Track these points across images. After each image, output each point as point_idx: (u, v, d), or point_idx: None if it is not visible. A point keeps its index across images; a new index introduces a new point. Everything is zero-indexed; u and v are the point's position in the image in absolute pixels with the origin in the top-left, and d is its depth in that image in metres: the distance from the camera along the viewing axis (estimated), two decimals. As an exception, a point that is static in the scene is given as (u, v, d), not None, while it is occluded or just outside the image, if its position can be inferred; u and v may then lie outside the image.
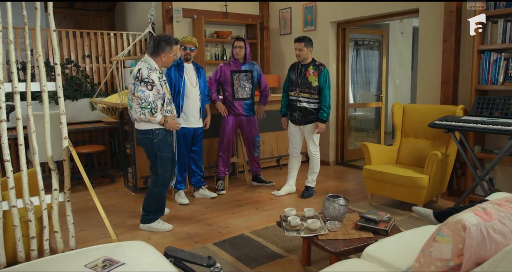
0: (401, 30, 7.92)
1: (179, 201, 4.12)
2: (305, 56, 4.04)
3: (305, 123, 4.13)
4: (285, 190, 4.39)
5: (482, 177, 3.50)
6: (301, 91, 4.07)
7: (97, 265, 1.86)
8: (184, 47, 3.99)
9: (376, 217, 2.63)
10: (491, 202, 1.51)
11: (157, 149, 3.33)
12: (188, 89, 3.99)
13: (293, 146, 4.31)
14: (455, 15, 3.99)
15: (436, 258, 1.40)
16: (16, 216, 2.49)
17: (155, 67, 3.28)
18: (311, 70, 4.05)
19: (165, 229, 3.44)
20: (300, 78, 4.08)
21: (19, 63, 5.16)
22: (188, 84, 3.99)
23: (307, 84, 4.04)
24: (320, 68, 4.05)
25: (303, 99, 4.07)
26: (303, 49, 3.99)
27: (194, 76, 4.06)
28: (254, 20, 6.46)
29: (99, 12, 8.89)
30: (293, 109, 4.16)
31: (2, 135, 2.42)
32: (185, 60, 4.02)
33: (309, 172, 4.34)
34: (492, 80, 3.67)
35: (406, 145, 4.21)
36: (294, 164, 4.38)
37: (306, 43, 3.99)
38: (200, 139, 4.22)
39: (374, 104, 6.53)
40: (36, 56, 2.55)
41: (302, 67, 4.09)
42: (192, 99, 4.03)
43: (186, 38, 4.01)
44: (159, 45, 3.30)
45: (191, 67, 4.07)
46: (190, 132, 4.08)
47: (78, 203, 4.14)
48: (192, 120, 4.06)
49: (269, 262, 2.82)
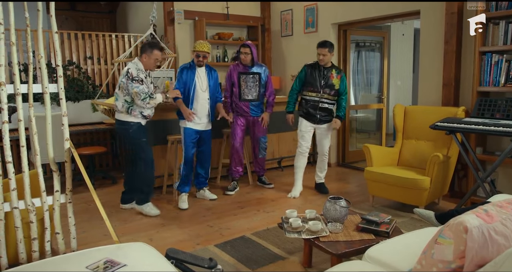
0: (402, 31, 7.91)
1: (179, 205, 4.06)
2: (328, 60, 4.20)
3: (324, 122, 4.29)
4: (299, 191, 4.44)
5: (483, 178, 3.49)
6: (324, 92, 4.21)
7: (99, 267, 1.86)
8: (197, 54, 3.98)
9: (378, 219, 2.62)
10: (493, 204, 1.51)
11: (134, 136, 3.75)
12: (198, 93, 4.00)
13: (306, 145, 4.37)
14: (457, 17, 3.99)
15: (437, 260, 1.40)
16: (17, 218, 2.49)
17: (141, 68, 3.67)
18: (334, 73, 4.23)
19: (152, 213, 3.81)
20: (324, 80, 4.19)
21: (21, 65, 5.18)
22: (198, 89, 4.00)
23: (331, 86, 4.21)
24: (341, 72, 4.29)
25: (326, 100, 4.23)
26: (326, 54, 4.14)
27: (205, 80, 4.05)
28: (255, 22, 6.47)
29: (101, 14, 8.91)
30: (314, 109, 4.23)
31: (4, 137, 2.42)
32: (198, 66, 4.02)
33: (321, 170, 4.54)
34: (493, 81, 3.66)
35: (407, 146, 4.21)
36: (304, 163, 4.43)
37: (330, 48, 4.14)
38: (208, 140, 4.20)
39: (376, 105, 6.53)
40: (38, 57, 2.55)
41: (325, 70, 4.21)
42: (200, 103, 4.03)
43: (199, 46, 3.97)
44: (143, 47, 3.71)
45: (203, 71, 4.06)
46: (197, 133, 4.08)
47: (79, 205, 4.14)
48: (199, 123, 4.07)
49: (270, 263, 2.81)
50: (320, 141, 4.41)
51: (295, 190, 4.40)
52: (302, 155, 4.39)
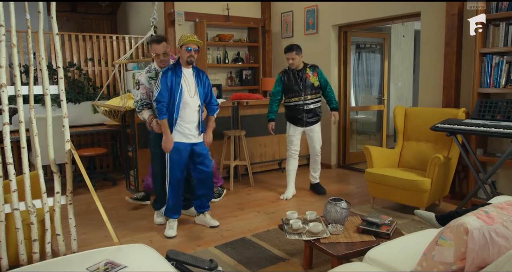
0: (403, 33, 7.92)
1: (165, 232, 3.41)
2: (298, 63, 4.20)
3: (311, 124, 4.29)
4: (291, 193, 4.44)
5: (484, 180, 3.49)
6: (306, 94, 4.20)
7: (99, 268, 1.86)
8: (187, 47, 3.21)
9: (378, 220, 2.62)
10: (494, 206, 1.51)
11: (150, 143, 3.65)
12: (185, 100, 3.25)
13: (295, 149, 4.37)
14: (457, 18, 3.99)
15: (438, 261, 1.40)
16: (18, 219, 2.49)
17: (153, 67, 3.54)
18: (309, 72, 4.23)
19: (157, 222, 3.68)
20: (302, 83, 4.18)
21: (22, 66, 5.19)
22: (186, 94, 3.25)
23: (311, 86, 4.21)
24: (316, 69, 4.27)
25: (310, 101, 4.23)
26: (295, 58, 4.14)
27: (193, 84, 3.30)
28: (256, 24, 6.48)
29: (102, 16, 8.92)
30: (299, 113, 4.23)
31: (5, 138, 2.43)
32: (187, 63, 3.25)
33: (315, 170, 4.53)
34: (494, 83, 3.66)
35: (408, 148, 4.21)
36: (295, 165, 4.44)
37: (297, 51, 4.14)
38: (206, 155, 3.45)
39: (376, 107, 6.53)
40: (39, 59, 2.56)
41: (299, 72, 4.22)
42: (189, 111, 3.29)
43: (188, 37, 3.22)
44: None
45: (189, 73, 3.30)
46: (186, 148, 3.34)
47: (80, 206, 4.14)
48: (189, 136, 3.34)
49: (271, 265, 2.81)
50: (311, 142, 4.42)
51: (287, 192, 4.42)
52: (292, 158, 4.40)
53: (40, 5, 2.48)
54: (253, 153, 5.28)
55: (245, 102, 5.13)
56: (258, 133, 5.28)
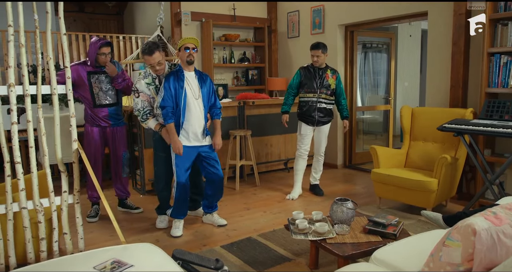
0: (409, 32, 7.88)
1: (171, 232, 3.43)
2: (323, 61, 4.23)
3: (322, 123, 4.30)
4: (298, 193, 4.43)
5: (492, 181, 3.46)
6: (321, 93, 4.23)
7: (106, 267, 1.87)
8: (185, 48, 3.27)
9: (385, 220, 2.61)
10: (502, 207, 1.50)
11: (154, 145, 3.56)
12: (190, 102, 3.29)
13: (305, 148, 4.36)
14: (465, 18, 3.96)
15: (445, 262, 1.39)
16: (26, 218, 2.51)
17: (149, 72, 3.42)
18: (329, 73, 4.27)
19: (158, 226, 3.60)
20: (320, 81, 4.22)
21: (30, 66, 5.23)
22: (190, 97, 3.29)
23: (327, 87, 4.25)
24: (336, 73, 4.34)
25: (323, 100, 4.25)
26: (320, 56, 4.18)
27: (197, 86, 3.34)
28: (262, 23, 6.48)
29: (109, 16, 8.97)
30: (311, 110, 4.24)
31: (13, 137, 2.45)
32: (188, 63, 3.29)
33: (316, 171, 4.53)
34: (502, 83, 3.63)
35: (415, 148, 4.18)
36: (303, 166, 4.43)
37: (323, 49, 4.17)
38: (213, 158, 3.46)
39: (383, 107, 6.51)
40: (47, 59, 2.57)
41: (320, 71, 4.24)
42: (194, 114, 3.32)
43: (185, 39, 3.29)
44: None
45: (192, 76, 3.35)
46: (192, 152, 3.37)
47: (87, 205, 4.16)
48: (194, 139, 3.36)
49: (277, 265, 2.81)
50: (317, 142, 4.41)
51: (294, 192, 4.41)
52: (301, 158, 4.40)
53: (48, 5, 2.50)
54: (259, 153, 5.28)
55: (251, 102, 5.13)
56: (264, 133, 5.28)
